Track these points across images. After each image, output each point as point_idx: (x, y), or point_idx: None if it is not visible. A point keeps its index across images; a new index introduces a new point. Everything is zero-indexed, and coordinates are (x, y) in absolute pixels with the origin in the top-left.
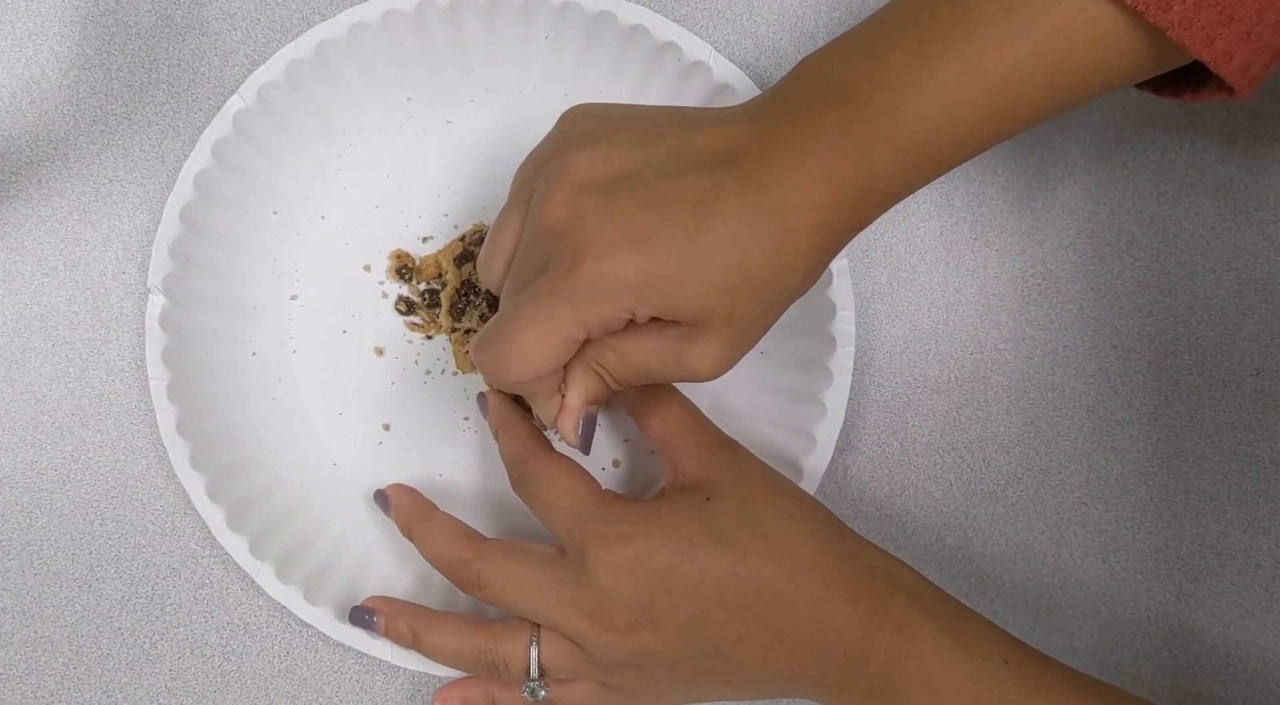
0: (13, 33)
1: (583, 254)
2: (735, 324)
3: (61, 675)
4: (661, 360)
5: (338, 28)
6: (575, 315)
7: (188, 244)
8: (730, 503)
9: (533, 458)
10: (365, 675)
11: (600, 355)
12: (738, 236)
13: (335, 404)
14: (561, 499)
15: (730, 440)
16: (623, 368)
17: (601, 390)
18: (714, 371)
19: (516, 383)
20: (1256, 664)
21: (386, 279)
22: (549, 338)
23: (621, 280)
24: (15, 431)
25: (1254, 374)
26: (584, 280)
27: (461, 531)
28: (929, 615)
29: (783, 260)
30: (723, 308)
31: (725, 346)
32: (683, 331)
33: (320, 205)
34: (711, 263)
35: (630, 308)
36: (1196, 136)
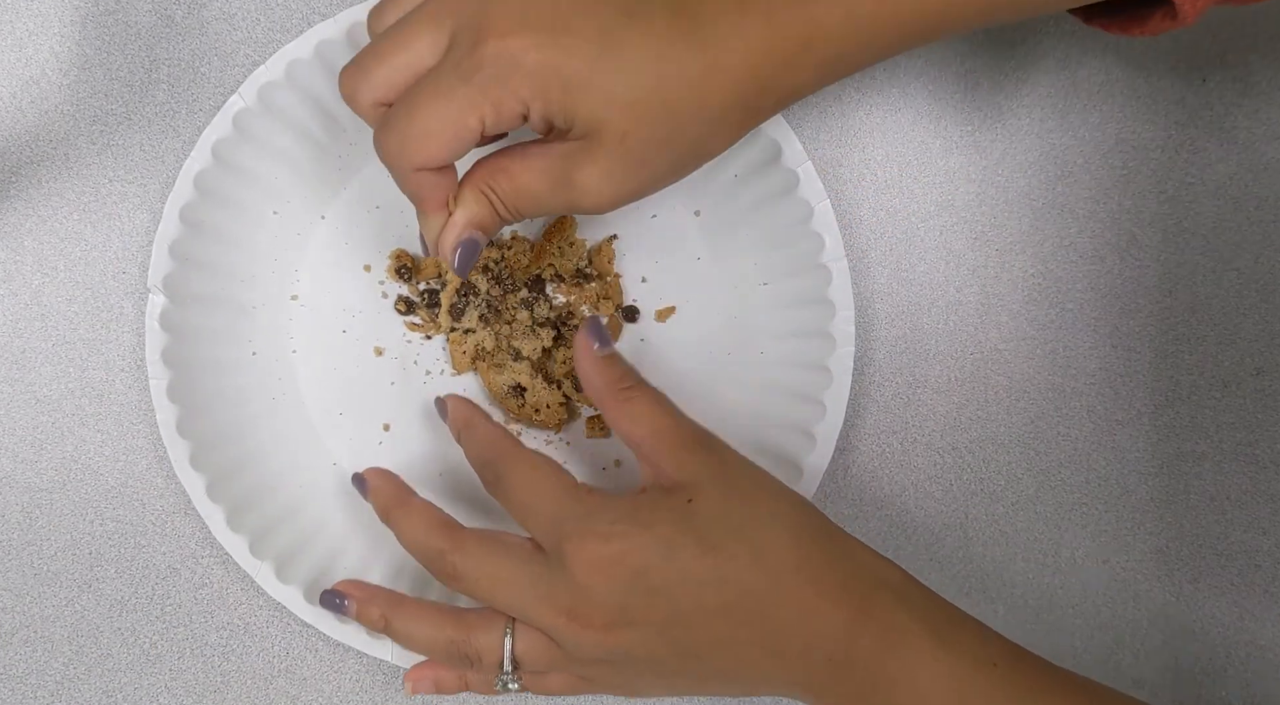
0: (13, 33)
1: (489, 31)
2: (628, 144)
3: (61, 675)
4: (548, 179)
5: (337, 27)
6: (472, 96)
7: (188, 243)
8: (713, 504)
9: (503, 458)
10: (365, 675)
11: (492, 177)
12: (655, 54)
13: (335, 404)
14: (538, 498)
15: (708, 437)
16: (512, 191)
17: (490, 215)
18: (600, 196)
19: (412, 167)
20: (1256, 664)
21: (386, 279)
22: (445, 119)
23: (524, 64)
24: (15, 431)
25: (1254, 374)
26: (486, 58)
27: (439, 520)
28: (915, 618)
29: (696, 94)
30: (620, 122)
31: (615, 167)
32: (572, 147)
33: (320, 205)
34: (620, 71)
35: (525, 99)
36: (1196, 136)
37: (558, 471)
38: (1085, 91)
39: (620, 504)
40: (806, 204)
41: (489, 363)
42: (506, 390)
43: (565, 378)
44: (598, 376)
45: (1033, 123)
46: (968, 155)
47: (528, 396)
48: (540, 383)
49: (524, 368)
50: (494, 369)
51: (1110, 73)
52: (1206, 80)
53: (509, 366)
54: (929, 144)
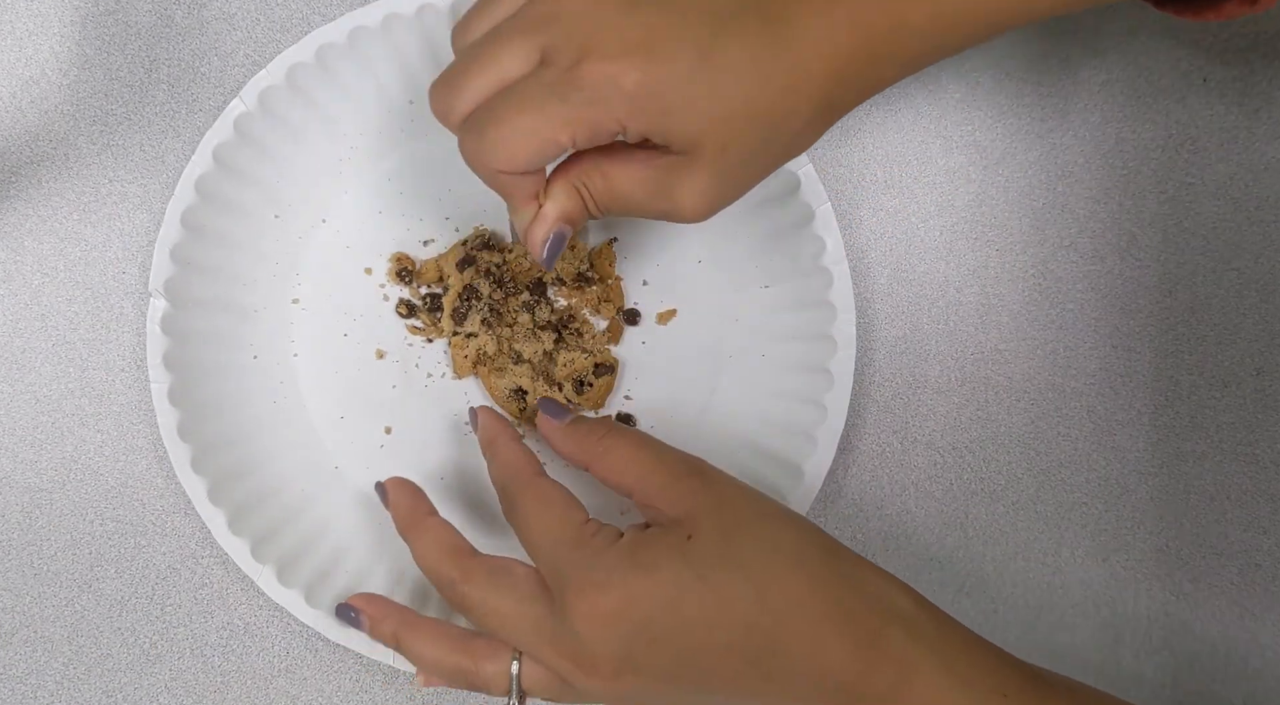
0: (13, 33)
1: (590, 52)
2: (727, 159)
3: (61, 675)
4: (646, 189)
5: (338, 31)
6: (566, 114)
7: (189, 247)
8: (712, 540)
9: (520, 488)
10: (365, 676)
11: (586, 175)
12: (750, 63)
13: (336, 407)
14: (543, 536)
15: (699, 465)
16: (606, 192)
17: (580, 211)
18: (698, 208)
19: (495, 170)
20: (1256, 664)
21: (387, 282)
22: (535, 133)
23: (623, 87)
24: (15, 431)
25: (1254, 374)
26: (585, 80)
27: (452, 545)
28: (927, 650)
29: (791, 99)
30: (718, 136)
31: (714, 181)
32: (672, 161)
33: (321, 209)
34: (717, 85)
35: (623, 120)
36: (1196, 136)
37: (567, 508)
38: (1085, 91)
39: (620, 550)
40: (808, 207)
41: (490, 367)
42: (508, 393)
43: (566, 380)
44: (570, 443)
45: (1033, 123)
46: (968, 155)
47: (529, 399)
48: (542, 386)
49: (525, 371)
50: (495, 373)
51: (1110, 73)
52: (1207, 80)
53: (510, 370)
54: (929, 144)
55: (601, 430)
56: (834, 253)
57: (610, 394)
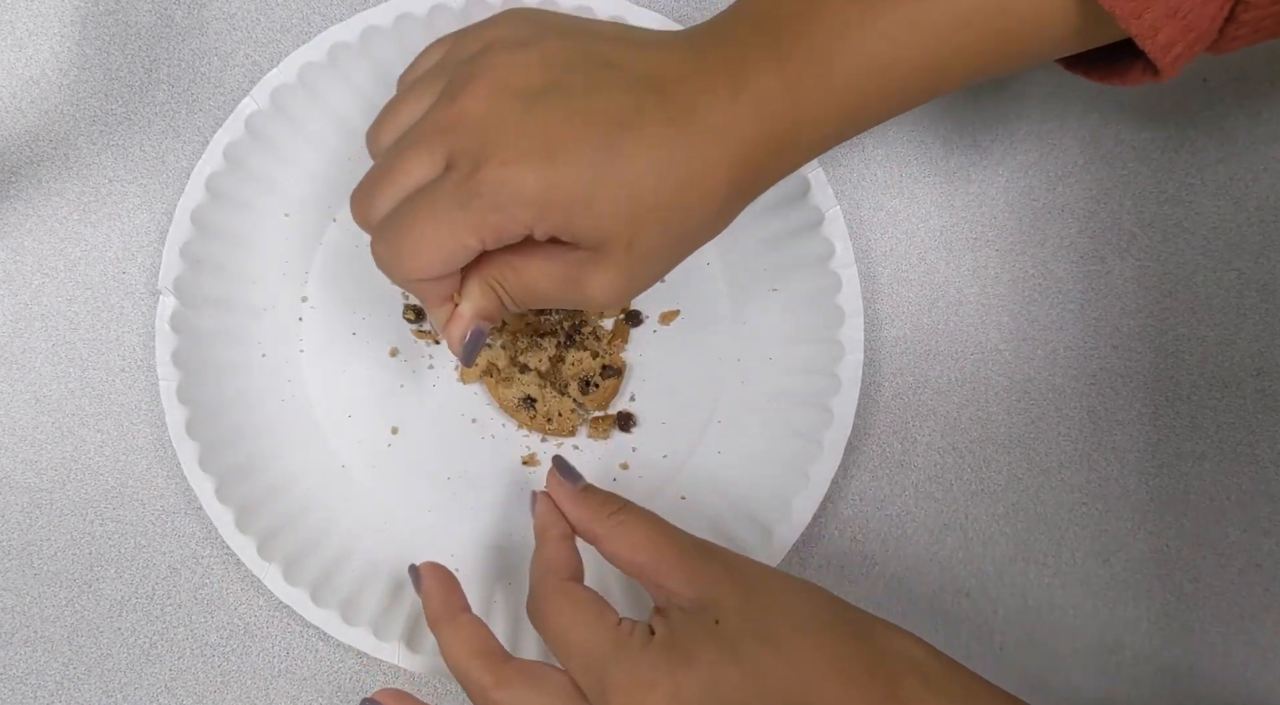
0: (13, 33)
1: (489, 158)
2: (634, 254)
3: (61, 675)
4: (557, 284)
5: (350, 30)
6: (471, 221)
7: (199, 245)
8: (738, 618)
9: (551, 588)
10: (365, 675)
11: (499, 272)
12: (652, 162)
13: (344, 406)
14: (579, 640)
15: (706, 545)
16: (518, 287)
17: (495, 307)
18: (608, 300)
19: (406, 281)
20: (1256, 664)
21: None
22: (443, 242)
23: (523, 192)
24: (15, 431)
25: (1254, 374)
26: (486, 186)
27: (483, 648)
28: (941, 696)
29: (696, 193)
30: (624, 235)
31: (621, 276)
32: (581, 256)
33: (331, 208)
34: (619, 186)
35: (528, 224)
36: (1196, 136)
37: (600, 610)
38: (1085, 92)
39: (657, 644)
40: (817, 210)
41: (498, 378)
42: (517, 402)
43: (573, 380)
44: (582, 511)
45: (1033, 123)
46: (968, 155)
47: (538, 407)
48: (550, 392)
49: (532, 379)
50: (503, 383)
51: None
52: (1207, 80)
53: (518, 379)
54: (929, 144)
55: (614, 505)
56: (843, 256)
57: (616, 396)
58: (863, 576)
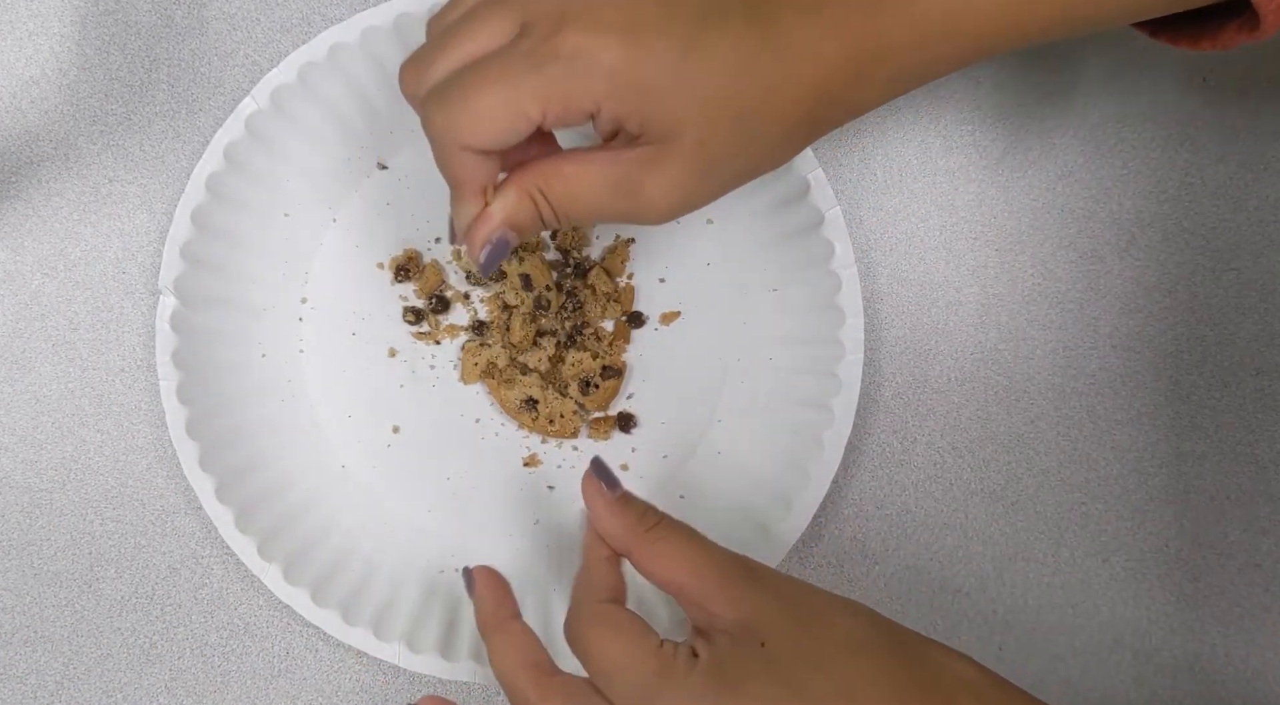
0: (13, 33)
1: (570, 23)
2: (704, 151)
3: (61, 675)
4: (611, 185)
5: (350, 31)
6: (539, 86)
7: (199, 245)
8: (786, 642)
9: (589, 613)
10: (365, 675)
11: (545, 180)
12: (736, 58)
13: (344, 406)
14: (618, 666)
15: (748, 564)
16: (564, 195)
17: (530, 217)
18: (667, 204)
19: (457, 143)
20: (1257, 664)
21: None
22: (504, 103)
23: (602, 62)
24: (16, 431)
25: (1254, 374)
26: (563, 49)
27: (532, 659)
28: None
29: (774, 101)
30: (697, 127)
31: (687, 176)
32: (643, 153)
33: (331, 208)
34: (700, 75)
35: (599, 98)
36: (1196, 136)
37: (641, 633)
38: (1085, 91)
39: (703, 669)
40: (817, 210)
41: (499, 380)
42: (519, 404)
43: (573, 380)
44: (617, 522)
45: (1032, 122)
46: (968, 155)
47: (540, 409)
48: (552, 394)
49: (533, 381)
50: (504, 385)
51: (1110, 72)
52: (1207, 80)
53: (519, 381)
54: (929, 144)
55: (652, 518)
56: (843, 257)
57: (615, 397)
58: (863, 576)
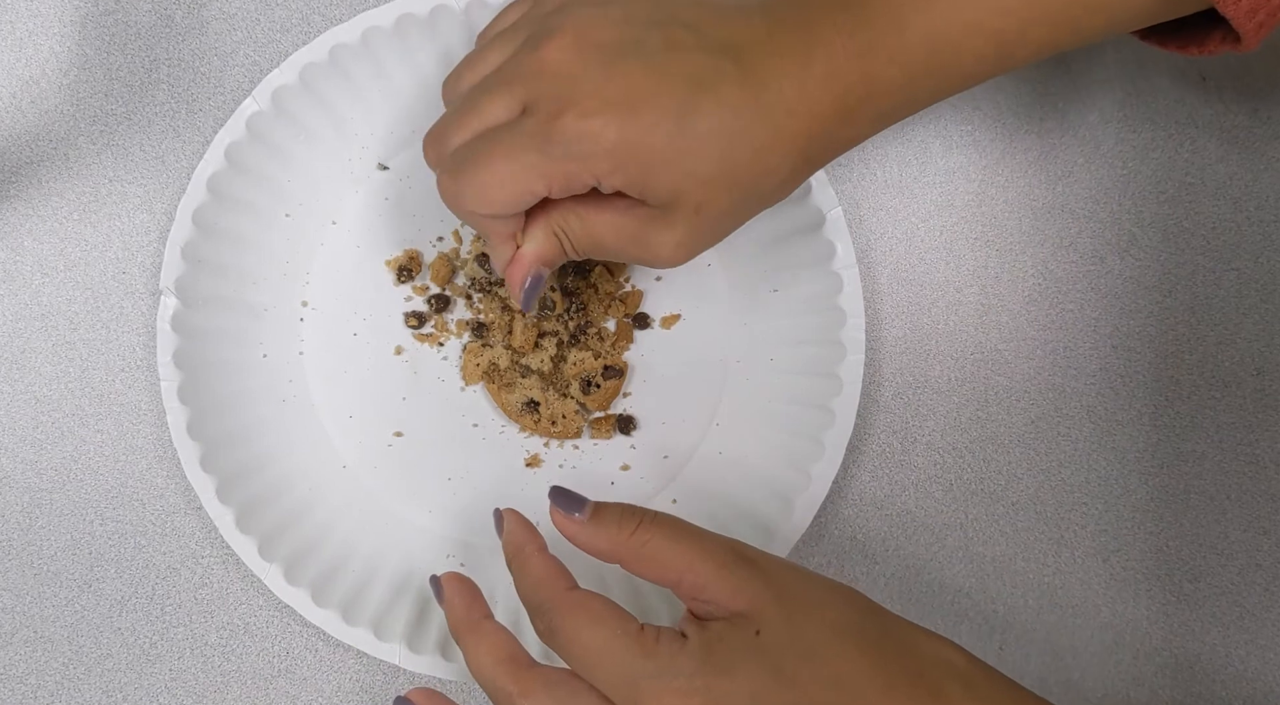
0: (13, 33)
1: (569, 107)
2: (703, 216)
3: (61, 675)
4: (622, 238)
5: (351, 31)
6: (543, 166)
7: (200, 245)
8: (780, 630)
9: (556, 606)
10: (365, 675)
11: (564, 220)
12: (727, 126)
13: (345, 407)
14: (601, 653)
15: (742, 549)
16: (584, 236)
17: (557, 253)
18: (672, 260)
19: (469, 214)
20: (1256, 664)
21: (399, 281)
22: (513, 181)
23: (602, 143)
24: (16, 431)
25: (1254, 374)
26: (565, 133)
27: (509, 655)
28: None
29: (767, 160)
30: (694, 196)
31: (688, 236)
32: (649, 213)
33: (332, 208)
34: (695, 147)
35: (600, 175)
36: (1196, 136)
37: (620, 619)
38: (1085, 91)
39: (692, 651)
40: (818, 211)
41: (500, 383)
42: (520, 407)
43: (574, 379)
44: (599, 540)
45: (1033, 123)
46: (968, 155)
47: (541, 410)
48: (553, 395)
49: (534, 382)
50: (505, 389)
51: (1110, 72)
52: (1206, 80)
53: (519, 383)
54: (929, 144)
55: (631, 522)
56: (844, 257)
57: (616, 397)
58: (863, 575)
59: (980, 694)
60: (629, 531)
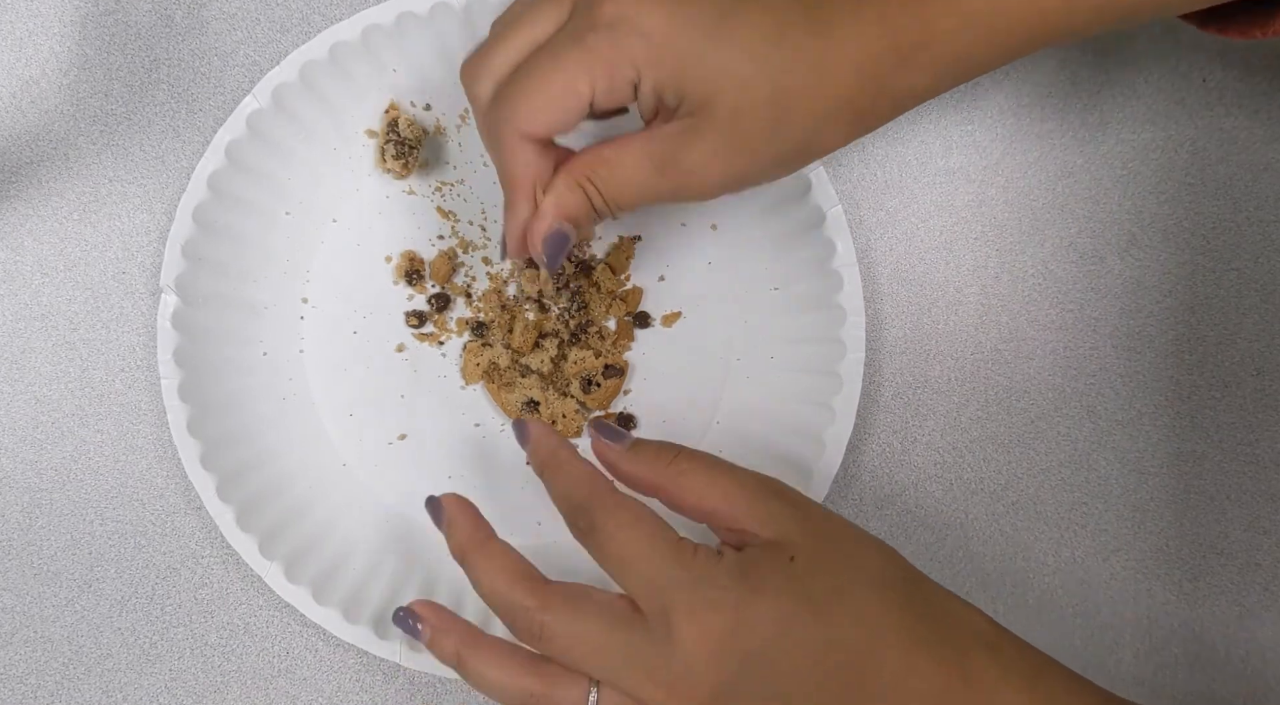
0: (13, 33)
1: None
2: (740, 124)
3: (61, 675)
4: (653, 163)
5: (351, 29)
6: (585, 59)
7: (200, 243)
8: (813, 561)
9: (599, 504)
10: (365, 675)
11: (589, 167)
12: (774, 33)
13: (345, 405)
14: (640, 557)
15: (777, 484)
16: (611, 181)
17: (583, 208)
18: (708, 177)
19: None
20: (1256, 663)
21: (398, 281)
22: (555, 81)
23: (640, 27)
24: (16, 431)
25: (1254, 374)
26: (602, 18)
27: (522, 571)
28: (1009, 672)
29: (813, 82)
30: (732, 99)
31: (723, 149)
32: (680, 126)
33: (332, 206)
34: (736, 47)
35: (638, 64)
36: (1196, 136)
37: (660, 525)
38: (1085, 91)
39: (729, 566)
40: (818, 209)
41: (499, 383)
42: (520, 406)
43: (575, 378)
44: (638, 467)
45: (1032, 123)
46: (968, 155)
47: (542, 410)
48: (553, 395)
49: (534, 382)
50: (505, 389)
51: (1110, 73)
52: (1206, 80)
53: (519, 383)
54: (929, 144)
55: (670, 453)
56: (844, 256)
57: (616, 396)
58: None
59: (1005, 661)
60: (667, 461)
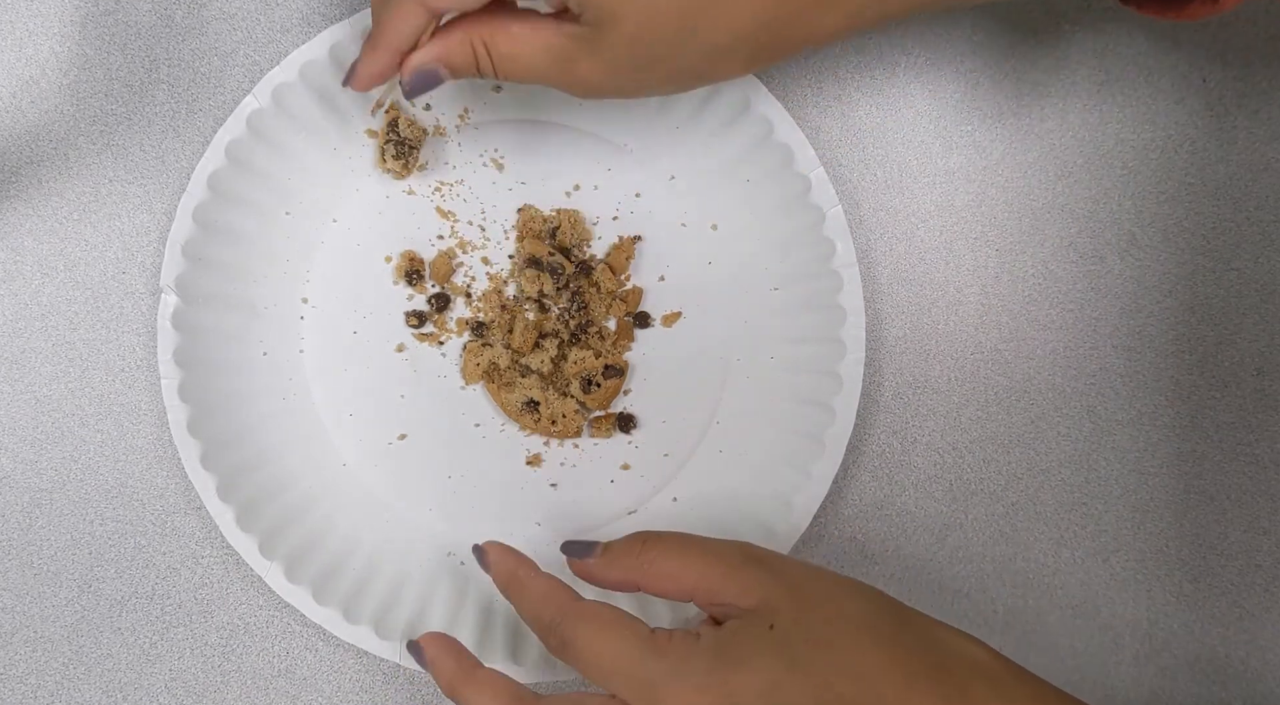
0: (13, 33)
1: None
2: (634, 49)
3: (61, 675)
4: (550, 57)
5: (352, 29)
6: None
7: (200, 243)
8: (792, 623)
9: (565, 618)
10: (365, 675)
11: (490, 33)
12: None
13: (345, 405)
14: (616, 658)
15: (749, 550)
16: (506, 53)
17: (466, 61)
18: (592, 89)
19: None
20: (1256, 664)
21: (398, 281)
22: None
23: None
24: (15, 431)
25: (1254, 374)
26: None
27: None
28: (1009, 700)
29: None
30: (631, 23)
31: (615, 67)
32: (581, 32)
33: (332, 206)
34: None
35: None
36: (1196, 136)
37: (630, 624)
38: (1085, 91)
39: (705, 647)
40: (818, 210)
41: (499, 383)
42: (520, 407)
43: (575, 378)
44: (613, 571)
45: (1032, 123)
46: (968, 155)
47: (542, 410)
48: (553, 394)
49: (534, 382)
50: (504, 388)
51: (1110, 73)
52: (1206, 80)
53: (519, 383)
54: (929, 144)
55: (637, 545)
56: (844, 256)
57: (616, 396)
58: (863, 576)
59: (1006, 692)
60: (635, 553)
